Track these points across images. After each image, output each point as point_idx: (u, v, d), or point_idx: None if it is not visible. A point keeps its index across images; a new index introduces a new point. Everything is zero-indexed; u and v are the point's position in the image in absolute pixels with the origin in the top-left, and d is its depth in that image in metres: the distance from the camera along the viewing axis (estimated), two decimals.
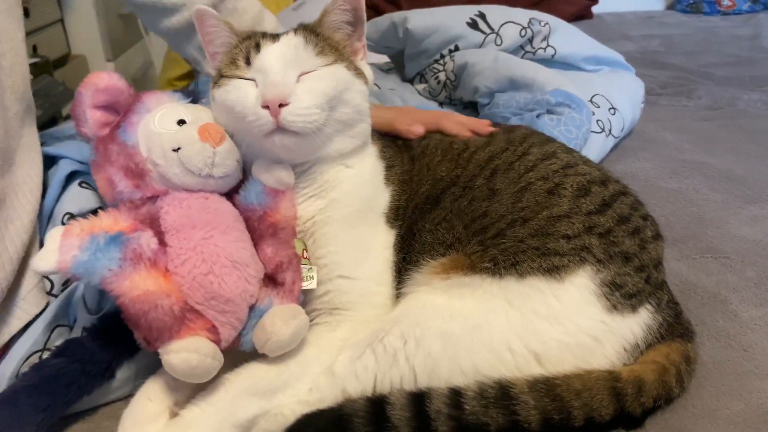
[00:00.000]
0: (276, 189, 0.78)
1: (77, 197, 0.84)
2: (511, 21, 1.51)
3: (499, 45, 1.50)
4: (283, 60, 0.76)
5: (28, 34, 1.05)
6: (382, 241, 0.84)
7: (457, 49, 1.51)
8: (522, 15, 1.53)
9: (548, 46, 1.52)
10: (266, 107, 0.73)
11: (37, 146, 0.88)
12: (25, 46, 0.88)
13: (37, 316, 0.80)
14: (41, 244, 0.84)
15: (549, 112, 1.22)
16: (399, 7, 2.75)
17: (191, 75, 2.25)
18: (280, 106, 0.73)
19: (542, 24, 1.51)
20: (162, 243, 0.70)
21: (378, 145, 0.89)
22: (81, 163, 0.88)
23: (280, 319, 0.71)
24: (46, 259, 0.66)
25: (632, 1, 3.70)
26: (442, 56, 1.52)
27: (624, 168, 1.38)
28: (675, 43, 2.78)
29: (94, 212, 0.85)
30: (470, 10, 1.54)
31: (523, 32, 1.50)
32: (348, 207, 0.82)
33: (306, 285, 0.77)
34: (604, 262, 0.73)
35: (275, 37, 0.80)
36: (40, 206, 0.84)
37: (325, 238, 0.81)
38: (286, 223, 0.78)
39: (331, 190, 0.82)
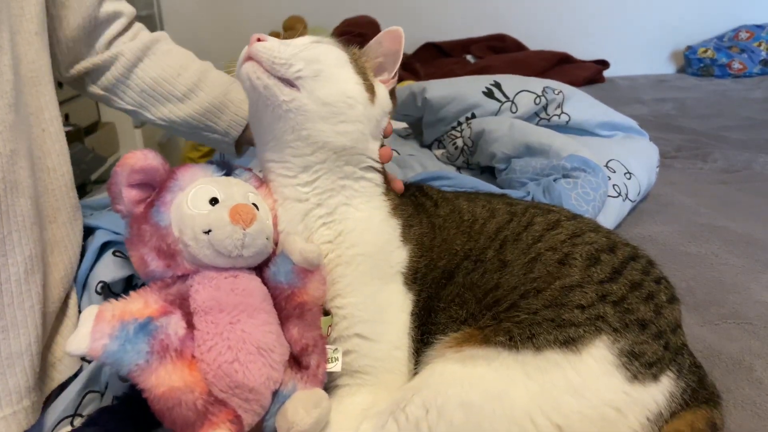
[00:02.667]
0: (305, 269, 0.79)
1: (111, 266, 0.87)
2: (526, 90, 1.56)
3: (515, 112, 1.55)
4: None
5: (61, 103, 1.12)
6: (400, 303, 0.84)
7: (473, 116, 1.56)
8: (536, 84, 1.59)
9: (563, 113, 1.56)
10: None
11: (79, 207, 0.92)
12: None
13: (70, 379, 0.82)
14: (79, 310, 0.87)
15: (565, 176, 1.25)
16: (416, 75, 2.85)
17: (211, 153, 2.32)
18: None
19: (556, 92, 1.56)
20: (190, 325, 0.72)
21: (393, 201, 0.89)
22: (115, 233, 0.91)
23: (303, 408, 0.72)
24: (78, 343, 0.68)
25: (643, 65, 3.79)
26: (460, 123, 1.56)
27: (642, 232, 1.39)
28: (688, 106, 2.82)
29: (127, 281, 0.88)
30: (486, 80, 1.59)
31: (537, 100, 1.54)
32: (365, 263, 0.83)
33: (330, 367, 0.78)
34: (620, 331, 0.73)
35: None
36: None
37: (346, 288, 0.82)
38: (314, 303, 0.79)
39: (338, 222, 0.83)
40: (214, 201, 0.77)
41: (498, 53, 3.50)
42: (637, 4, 3.76)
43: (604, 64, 3.49)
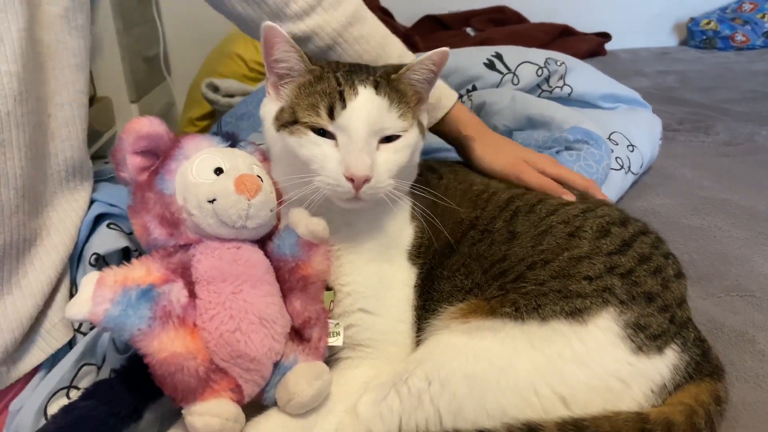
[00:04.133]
0: (310, 242, 0.78)
1: (105, 238, 0.86)
2: (528, 61, 1.53)
3: (516, 84, 1.52)
4: (368, 125, 0.75)
5: None
6: (404, 278, 0.84)
7: (474, 88, 1.53)
8: (538, 55, 1.56)
9: (565, 84, 1.54)
10: (350, 179, 0.74)
11: (82, 190, 0.91)
12: (87, 99, 0.91)
13: (62, 351, 0.82)
14: (71, 282, 0.86)
15: (568, 149, 1.23)
16: (415, 48, 2.81)
17: (212, 115, 2.30)
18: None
19: (558, 63, 1.53)
20: (192, 294, 0.72)
21: None
22: (111, 205, 0.90)
23: (304, 380, 0.72)
24: (79, 308, 0.67)
25: (645, 38, 3.74)
26: (461, 96, 1.54)
27: (644, 205, 1.38)
28: (690, 78, 2.79)
29: (124, 252, 0.87)
30: (487, 51, 1.57)
31: (539, 72, 1.52)
32: (373, 240, 0.83)
33: (332, 341, 0.78)
34: (627, 303, 0.73)
35: (360, 82, 0.78)
36: None
37: (351, 265, 0.82)
38: (317, 277, 0.79)
39: (358, 220, 0.83)
40: (218, 171, 0.77)
41: (498, 26, 3.45)
42: None
43: (605, 36, 3.44)
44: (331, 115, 0.75)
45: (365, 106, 0.76)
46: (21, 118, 0.76)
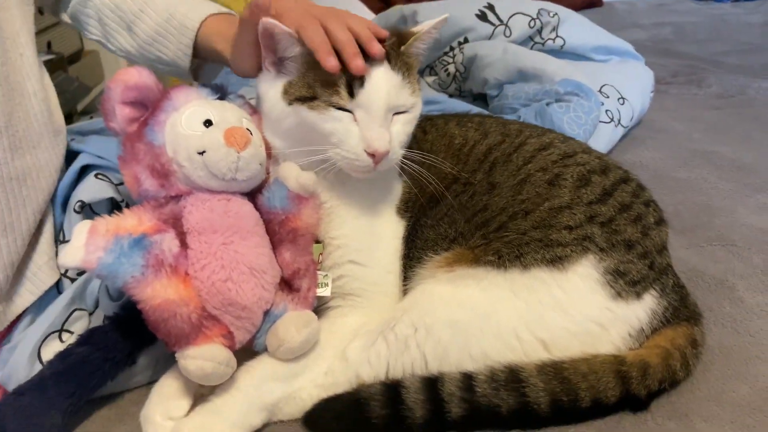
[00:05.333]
0: (300, 195, 0.79)
1: (92, 187, 0.86)
2: (520, 12, 1.52)
3: (509, 36, 1.51)
4: (386, 103, 0.75)
5: (41, 31, 1.07)
6: (392, 231, 0.86)
7: (466, 41, 1.52)
8: (531, 6, 1.54)
9: (557, 36, 1.53)
10: (370, 154, 0.75)
11: (63, 132, 0.91)
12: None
13: (48, 294, 0.83)
14: (55, 226, 0.87)
15: (558, 101, 1.23)
16: None
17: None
18: None
19: (551, 15, 1.52)
20: (183, 244, 0.73)
21: None
22: (99, 157, 0.91)
23: (293, 326, 0.74)
24: (72, 256, 0.68)
25: None
26: (452, 48, 1.53)
27: (633, 158, 1.39)
28: (686, 31, 2.77)
29: (113, 204, 0.88)
30: (479, 2, 1.55)
31: (532, 23, 1.51)
32: (364, 197, 0.84)
33: (320, 292, 0.80)
34: (606, 251, 0.75)
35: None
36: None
37: (341, 220, 0.83)
38: (307, 230, 0.80)
39: (349, 178, 0.83)
40: (208, 123, 0.76)
41: None
42: None
43: None
44: (351, 93, 0.75)
45: (383, 84, 0.76)
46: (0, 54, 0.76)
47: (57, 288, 0.84)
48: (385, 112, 0.76)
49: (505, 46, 1.42)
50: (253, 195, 0.82)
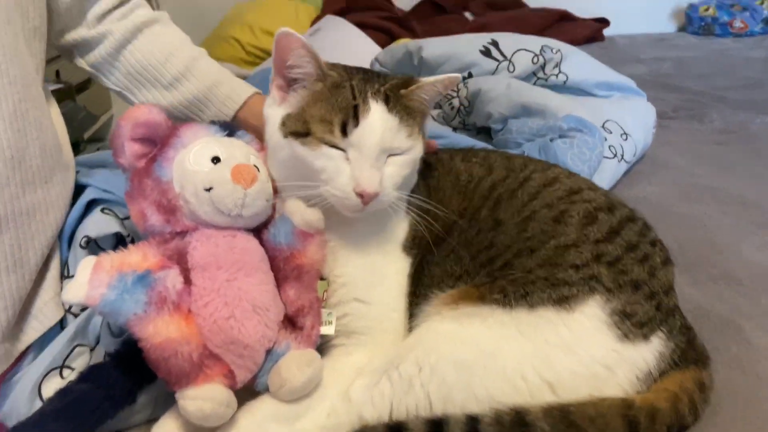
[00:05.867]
0: (305, 231, 0.79)
1: (98, 222, 0.87)
2: (524, 48, 1.54)
3: (512, 72, 1.53)
4: (380, 144, 0.76)
5: (51, 60, 1.09)
6: (398, 268, 0.86)
7: (470, 76, 1.54)
8: (534, 42, 1.56)
9: (560, 72, 1.55)
10: (359, 194, 0.75)
11: (71, 166, 0.92)
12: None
13: (53, 329, 0.83)
14: (62, 263, 0.87)
15: (561, 136, 1.24)
16: (413, 33, 2.80)
17: None
18: None
19: (554, 51, 1.54)
20: (187, 280, 0.73)
21: None
22: (105, 191, 0.91)
23: (296, 366, 0.74)
24: (76, 292, 0.68)
25: (643, 24, 3.74)
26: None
27: (636, 193, 1.39)
28: (687, 65, 2.80)
29: (118, 238, 0.88)
30: (483, 39, 1.57)
31: (535, 59, 1.52)
32: (369, 235, 0.84)
33: (324, 330, 0.79)
34: (613, 291, 0.74)
35: (373, 96, 0.77)
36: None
37: (346, 258, 0.83)
38: (312, 266, 0.80)
39: (356, 221, 0.83)
40: (216, 159, 0.77)
41: (496, 10, 3.44)
42: None
43: (604, 22, 3.44)
44: (344, 131, 0.76)
45: (377, 126, 0.76)
46: (2, 89, 0.77)
47: (60, 323, 0.84)
48: (377, 153, 0.76)
49: (509, 82, 1.44)
50: (258, 230, 0.82)
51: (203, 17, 2.93)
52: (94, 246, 0.87)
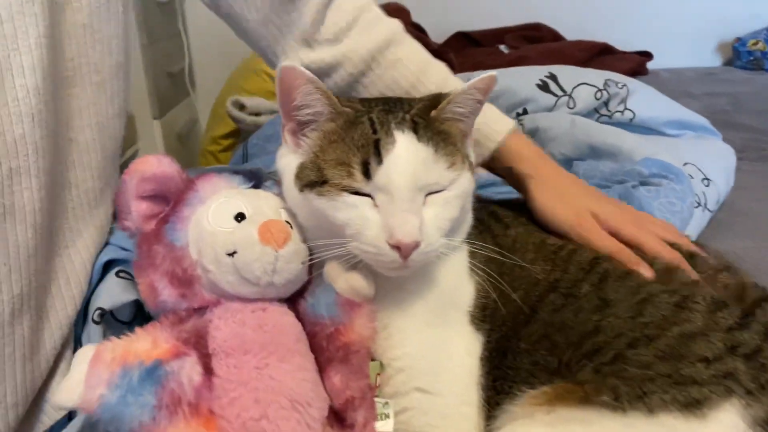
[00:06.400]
0: (351, 301, 0.65)
1: (113, 289, 0.73)
2: (586, 82, 1.40)
3: (572, 108, 1.39)
4: (412, 181, 0.62)
5: None
6: (466, 347, 0.70)
7: (525, 112, 1.40)
8: (596, 76, 1.44)
9: (626, 109, 1.41)
10: (395, 246, 0.61)
11: (105, 227, 0.79)
12: (119, 123, 0.79)
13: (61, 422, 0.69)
14: (75, 341, 0.73)
15: (643, 183, 1.08)
16: (449, 65, 2.68)
17: (237, 133, 2.21)
18: None
19: (619, 86, 1.40)
20: (208, 369, 0.58)
21: None
22: (123, 249, 0.77)
23: None
24: (69, 393, 0.56)
25: (687, 57, 3.58)
26: (519, 120, 1.41)
27: (724, 248, 1.20)
28: (742, 101, 2.62)
29: (137, 307, 0.73)
30: (540, 71, 1.45)
31: (598, 94, 1.39)
32: (426, 300, 0.69)
33: (380, 426, 0.64)
34: (754, 394, 0.58)
35: (397, 126, 0.64)
36: None
37: (402, 334, 0.68)
38: (361, 345, 0.65)
39: (410, 284, 0.69)
40: (240, 217, 0.65)
41: (532, 43, 3.32)
42: None
43: (647, 55, 3.28)
44: (366, 173, 0.62)
45: (406, 159, 0.62)
46: (40, 142, 0.64)
47: (69, 414, 0.70)
48: (411, 193, 0.62)
49: (572, 119, 1.29)
50: (293, 300, 0.68)
51: (232, 48, 2.87)
52: (110, 319, 0.73)
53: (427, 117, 0.66)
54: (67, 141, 0.72)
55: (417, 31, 3.08)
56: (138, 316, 0.73)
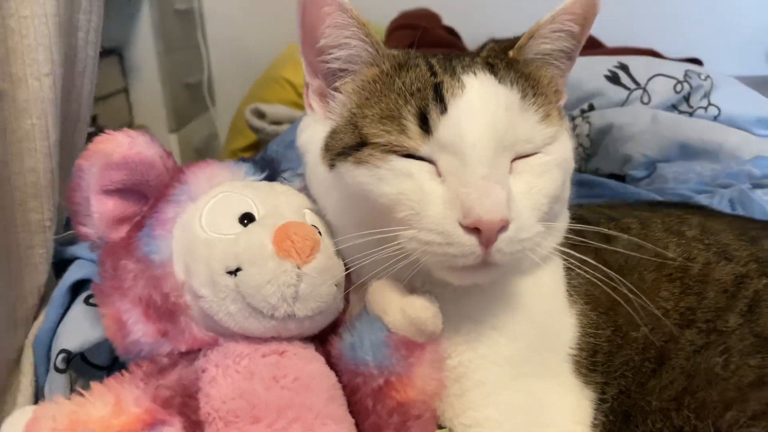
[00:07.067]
0: (410, 340, 0.46)
1: (80, 323, 0.55)
2: (662, 74, 1.21)
3: (647, 103, 1.20)
4: (494, 135, 0.45)
5: None
6: (571, 407, 0.50)
7: (591, 108, 1.21)
8: (675, 67, 1.26)
9: (710, 104, 1.21)
10: (473, 229, 0.43)
11: (48, 247, 0.62)
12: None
13: None
14: (36, 388, 0.56)
15: (756, 186, 0.88)
16: None
17: (257, 145, 2.08)
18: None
19: (702, 77, 1.21)
20: None
21: None
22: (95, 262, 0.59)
23: None
24: None
25: (736, 65, 3.37)
26: (573, 118, 1.22)
27: None
28: None
29: (112, 356, 0.55)
30: (608, 61, 1.27)
31: (678, 87, 1.19)
32: (515, 341, 0.50)
33: None
34: None
35: (465, 69, 0.49)
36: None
37: (481, 389, 0.49)
38: (424, 405, 0.46)
39: (490, 313, 0.50)
40: (247, 219, 0.47)
41: None
42: None
43: (696, 62, 3.08)
44: (425, 126, 0.45)
45: (483, 104, 0.47)
46: None
47: None
48: (491, 152, 0.46)
49: (654, 113, 1.11)
50: (324, 341, 0.48)
51: (253, 60, 2.78)
52: (80, 363, 0.55)
53: (505, 57, 0.51)
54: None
55: (451, 35, 2.95)
56: (116, 363, 0.54)
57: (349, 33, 0.49)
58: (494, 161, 0.45)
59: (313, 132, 0.52)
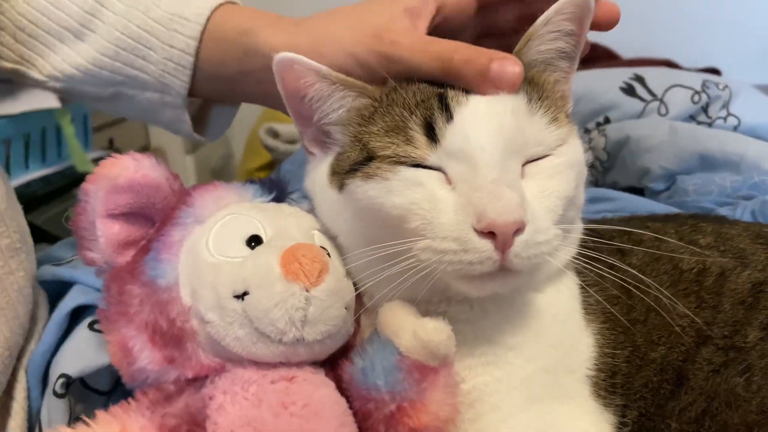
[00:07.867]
0: (423, 364, 0.44)
1: (82, 349, 0.54)
2: (679, 84, 1.19)
3: (664, 115, 1.18)
4: (501, 139, 0.45)
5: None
6: (589, 429, 0.48)
7: (607, 121, 1.19)
8: (692, 77, 1.23)
9: (729, 114, 1.18)
10: (488, 234, 0.42)
11: (30, 273, 0.61)
12: None
13: None
14: (31, 414, 0.55)
15: None
16: None
17: (272, 165, 2.08)
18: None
19: (720, 87, 1.19)
20: None
21: None
22: (99, 290, 0.58)
23: None
24: None
25: (755, 74, 3.32)
26: (588, 131, 1.20)
27: None
28: None
29: (118, 375, 0.54)
30: (623, 73, 1.25)
31: (696, 98, 1.17)
32: (532, 362, 0.49)
33: None
34: None
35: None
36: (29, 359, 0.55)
37: (496, 414, 0.48)
38: (438, 431, 0.45)
39: (506, 334, 0.49)
40: (254, 241, 0.47)
41: (585, 63, 3.12)
42: (749, 3, 3.33)
43: (714, 72, 3.04)
44: (432, 135, 0.46)
45: (489, 109, 0.47)
46: None
47: None
48: (501, 155, 0.46)
49: (672, 125, 1.08)
50: (335, 365, 0.47)
51: None
52: (80, 389, 0.54)
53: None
54: None
55: None
56: (121, 383, 0.53)
57: (330, 88, 0.49)
58: (504, 165, 0.45)
59: (317, 172, 0.53)
